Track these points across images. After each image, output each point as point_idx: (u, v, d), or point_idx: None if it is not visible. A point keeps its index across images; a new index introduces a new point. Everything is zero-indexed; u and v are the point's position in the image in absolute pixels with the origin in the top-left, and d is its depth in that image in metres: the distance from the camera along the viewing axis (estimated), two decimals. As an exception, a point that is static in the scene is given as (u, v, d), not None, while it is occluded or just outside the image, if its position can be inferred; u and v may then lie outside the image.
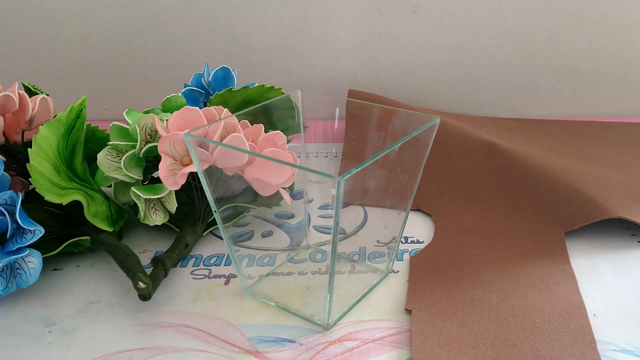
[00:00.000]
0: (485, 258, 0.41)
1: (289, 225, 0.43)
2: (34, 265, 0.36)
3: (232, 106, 0.48)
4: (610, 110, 0.74)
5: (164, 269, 0.38)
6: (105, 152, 0.41)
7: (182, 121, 0.39)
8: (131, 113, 0.42)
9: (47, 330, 0.35)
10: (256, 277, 0.39)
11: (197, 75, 0.53)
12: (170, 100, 0.46)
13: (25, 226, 0.36)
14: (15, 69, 0.68)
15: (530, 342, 0.33)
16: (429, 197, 0.50)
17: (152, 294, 0.36)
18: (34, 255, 0.36)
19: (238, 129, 0.37)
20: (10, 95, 0.40)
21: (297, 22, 0.67)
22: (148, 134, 0.40)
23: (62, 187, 0.39)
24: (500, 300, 0.36)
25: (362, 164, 0.29)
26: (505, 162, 0.51)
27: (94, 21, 0.66)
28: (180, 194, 0.45)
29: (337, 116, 0.40)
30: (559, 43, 0.69)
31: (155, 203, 0.41)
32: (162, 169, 0.38)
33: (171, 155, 0.39)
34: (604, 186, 0.47)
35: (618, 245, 0.44)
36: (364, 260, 0.41)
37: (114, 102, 0.71)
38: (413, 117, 0.36)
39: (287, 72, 0.70)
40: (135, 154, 0.40)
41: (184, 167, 0.38)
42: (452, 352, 0.32)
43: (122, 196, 0.42)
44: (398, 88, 0.71)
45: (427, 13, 0.67)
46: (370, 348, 0.33)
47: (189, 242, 0.41)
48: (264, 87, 0.48)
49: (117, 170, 0.40)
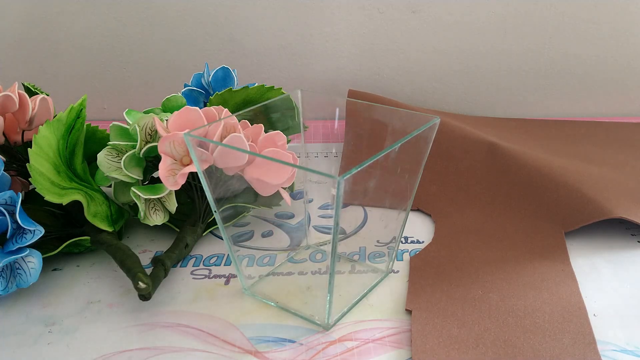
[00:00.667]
0: (485, 258, 0.41)
1: (289, 225, 0.43)
2: (34, 265, 0.36)
3: (232, 106, 0.48)
4: (610, 110, 0.74)
5: (164, 269, 0.38)
6: (105, 152, 0.41)
7: (182, 121, 0.39)
8: (131, 113, 0.42)
9: (47, 330, 0.35)
10: (256, 277, 0.39)
11: (197, 75, 0.53)
12: (170, 100, 0.46)
13: (25, 226, 0.36)
14: (16, 69, 0.68)
15: (530, 343, 0.33)
16: (429, 197, 0.50)
17: (152, 294, 0.36)
18: (34, 255, 0.36)
19: (238, 129, 0.37)
20: (10, 95, 0.40)
21: (297, 22, 0.67)
22: (148, 134, 0.40)
23: (62, 187, 0.39)
24: (501, 300, 0.36)
25: (362, 164, 0.29)
26: (505, 163, 0.51)
27: (94, 21, 0.66)
28: (181, 194, 0.45)
29: (337, 116, 0.40)
30: (559, 43, 0.69)
31: (155, 203, 0.41)
32: (162, 169, 0.38)
33: (171, 156, 0.39)
34: (604, 186, 0.47)
35: (618, 245, 0.44)
36: (364, 260, 0.41)
37: (114, 102, 0.71)
38: (413, 117, 0.36)
39: (287, 72, 0.70)
40: (135, 154, 0.40)
41: (184, 167, 0.38)
42: (452, 352, 0.32)
43: (122, 196, 0.42)
44: (398, 88, 0.71)
45: (427, 13, 0.67)
46: (370, 348, 0.33)
47: (189, 242, 0.41)
48: (264, 87, 0.48)
49: (117, 170, 0.40)
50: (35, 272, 0.36)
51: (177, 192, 0.42)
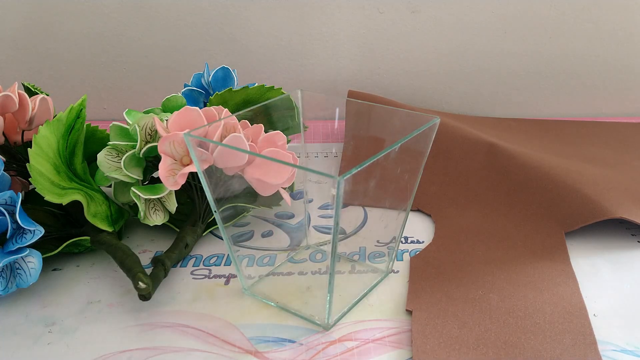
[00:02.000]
0: (485, 258, 0.41)
1: (289, 225, 0.43)
2: (33, 265, 0.36)
3: (232, 106, 0.48)
4: (610, 110, 0.74)
5: (164, 269, 0.38)
6: (105, 152, 0.41)
7: (182, 121, 0.39)
8: (131, 113, 0.42)
9: (47, 330, 0.35)
10: (256, 277, 0.39)
11: (197, 75, 0.53)
12: (170, 100, 0.46)
13: (25, 226, 0.36)
14: (16, 69, 0.68)
15: (531, 343, 0.33)
16: (429, 198, 0.50)
17: (152, 293, 0.36)
18: (34, 255, 0.36)
19: (238, 129, 0.37)
20: (10, 95, 0.39)
21: (297, 22, 0.67)
22: (148, 134, 0.40)
23: (62, 187, 0.39)
24: (501, 301, 0.36)
25: (362, 164, 0.29)
26: (505, 163, 0.51)
27: (94, 21, 0.66)
28: (181, 194, 0.45)
29: (337, 116, 0.40)
30: (559, 43, 0.69)
31: (155, 203, 0.41)
32: (162, 169, 0.38)
33: (171, 156, 0.38)
34: (604, 186, 0.47)
35: (618, 245, 0.44)
36: (364, 260, 0.41)
37: (114, 102, 0.71)
38: (413, 117, 0.36)
39: (287, 72, 0.70)
40: (135, 154, 0.40)
41: (184, 167, 0.38)
42: (453, 353, 0.32)
43: (122, 196, 0.42)
44: (398, 88, 0.71)
45: (427, 13, 0.67)
46: (370, 348, 0.33)
47: (189, 242, 0.41)
48: (264, 87, 0.48)
49: (117, 170, 0.40)
50: (35, 272, 0.36)
51: (177, 193, 0.42)
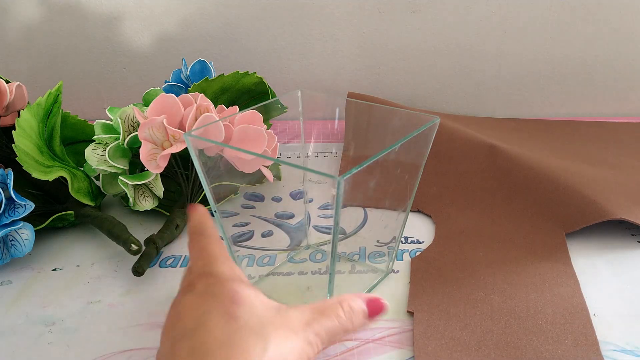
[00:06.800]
0: (486, 260, 0.41)
1: (289, 225, 0.43)
2: (27, 236, 0.39)
3: (210, 94, 0.50)
4: (610, 110, 0.74)
5: (155, 247, 0.40)
6: (92, 147, 0.43)
7: (159, 107, 0.41)
8: (113, 110, 0.45)
9: (47, 330, 0.35)
10: (256, 277, 0.39)
11: (176, 71, 0.56)
12: (150, 93, 0.48)
13: (18, 200, 0.39)
14: (15, 69, 0.68)
15: (533, 344, 0.33)
16: (430, 199, 0.50)
17: (145, 270, 0.38)
18: (27, 227, 0.39)
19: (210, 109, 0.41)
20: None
21: (297, 22, 0.67)
22: (130, 125, 0.43)
23: (47, 165, 0.42)
24: (502, 302, 0.36)
25: (362, 164, 0.29)
26: (505, 164, 0.51)
27: (94, 21, 0.66)
28: (170, 183, 0.47)
29: (337, 116, 0.40)
30: (559, 43, 0.69)
31: (143, 190, 0.43)
32: (143, 154, 0.40)
33: (151, 141, 0.41)
34: (604, 187, 0.47)
35: (618, 246, 0.44)
36: (364, 260, 0.40)
37: (114, 102, 0.71)
38: (413, 117, 0.36)
39: (287, 72, 0.70)
40: (120, 144, 0.42)
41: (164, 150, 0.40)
42: (455, 354, 0.32)
43: (111, 188, 0.45)
44: (398, 88, 0.71)
45: (427, 13, 0.67)
46: (370, 348, 0.33)
47: (179, 223, 0.43)
48: (238, 73, 0.50)
49: (105, 163, 0.42)
50: (29, 243, 0.39)
51: (166, 181, 0.45)
